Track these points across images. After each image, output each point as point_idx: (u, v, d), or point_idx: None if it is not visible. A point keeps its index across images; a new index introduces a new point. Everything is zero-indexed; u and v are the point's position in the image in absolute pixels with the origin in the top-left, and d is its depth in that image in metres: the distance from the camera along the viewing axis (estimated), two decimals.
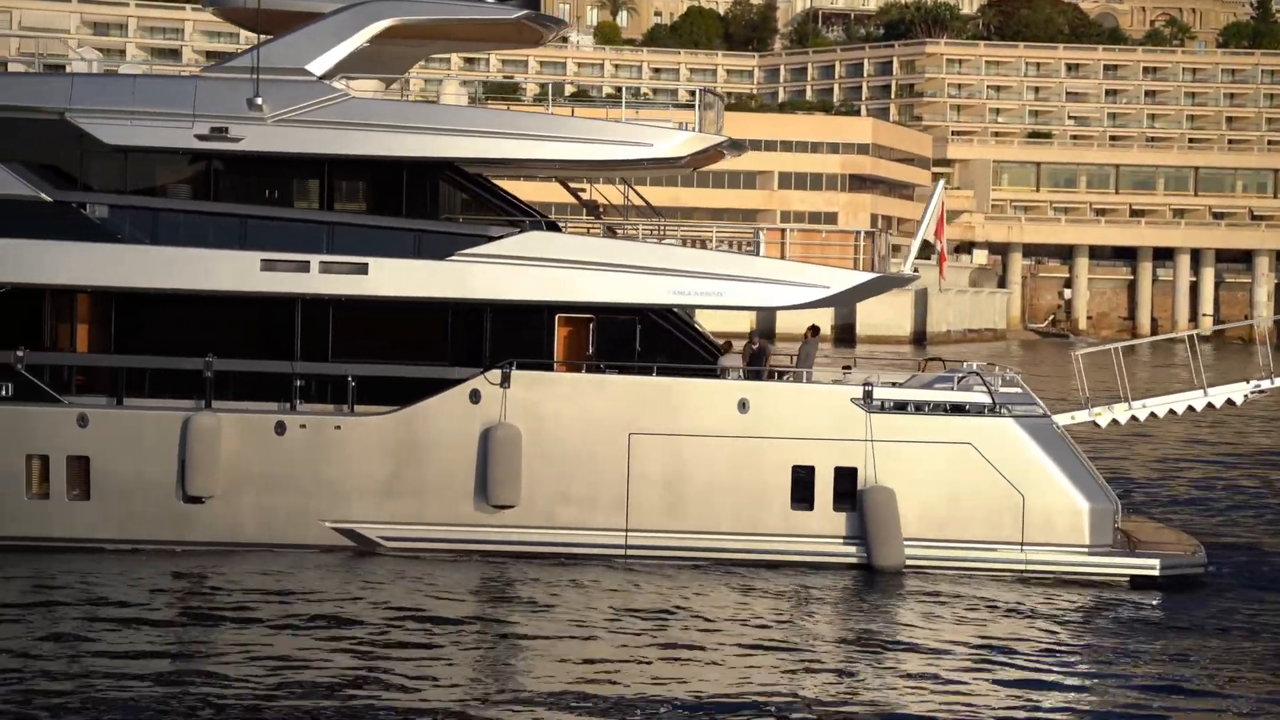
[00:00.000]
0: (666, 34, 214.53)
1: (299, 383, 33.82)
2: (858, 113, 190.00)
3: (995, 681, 25.73)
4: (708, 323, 37.46)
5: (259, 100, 33.56)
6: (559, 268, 33.79)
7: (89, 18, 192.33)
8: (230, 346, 33.80)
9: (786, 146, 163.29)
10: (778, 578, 32.69)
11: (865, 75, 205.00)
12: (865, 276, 34.68)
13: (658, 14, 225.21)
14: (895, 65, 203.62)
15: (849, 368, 37.32)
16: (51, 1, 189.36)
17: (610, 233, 37.69)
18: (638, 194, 38.71)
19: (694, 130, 34.57)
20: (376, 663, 25.75)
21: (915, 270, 36.98)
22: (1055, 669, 26.62)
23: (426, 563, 33.01)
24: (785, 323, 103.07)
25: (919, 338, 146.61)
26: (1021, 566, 33.42)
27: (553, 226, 35.55)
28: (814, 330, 35.98)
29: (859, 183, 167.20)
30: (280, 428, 33.45)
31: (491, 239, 33.88)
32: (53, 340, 34.29)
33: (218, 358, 33.54)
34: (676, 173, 40.05)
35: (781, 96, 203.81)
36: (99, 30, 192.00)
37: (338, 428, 33.51)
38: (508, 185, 36.27)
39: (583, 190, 40.02)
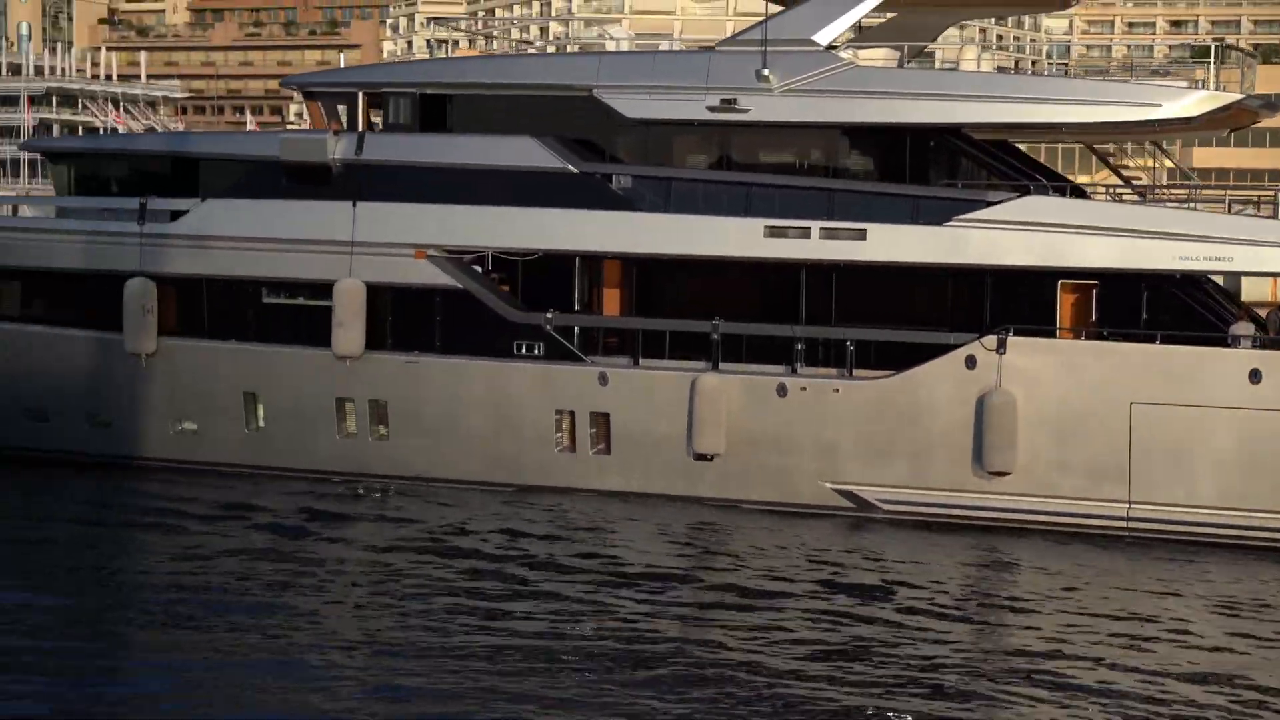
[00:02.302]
0: None
1: (800, 346, 34.62)
2: None
3: None
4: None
5: (766, 71, 34.51)
6: (1060, 233, 33.03)
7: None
8: (736, 310, 35.00)
9: None
10: None
11: None
12: None
13: None
14: None
15: None
16: None
17: (1141, 197, 36.49)
18: (1167, 155, 37.20)
19: (1209, 89, 33.05)
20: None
21: None
22: None
23: (927, 530, 33.22)
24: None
25: None
26: None
27: (1062, 191, 34.73)
28: None
29: None
30: (782, 389, 34.35)
31: (990, 204, 33.51)
32: (583, 303, 36.45)
33: (724, 321, 34.81)
34: (1200, 134, 38.22)
35: None
36: None
37: (836, 390, 34.10)
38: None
39: (1112, 155, 38.85)
